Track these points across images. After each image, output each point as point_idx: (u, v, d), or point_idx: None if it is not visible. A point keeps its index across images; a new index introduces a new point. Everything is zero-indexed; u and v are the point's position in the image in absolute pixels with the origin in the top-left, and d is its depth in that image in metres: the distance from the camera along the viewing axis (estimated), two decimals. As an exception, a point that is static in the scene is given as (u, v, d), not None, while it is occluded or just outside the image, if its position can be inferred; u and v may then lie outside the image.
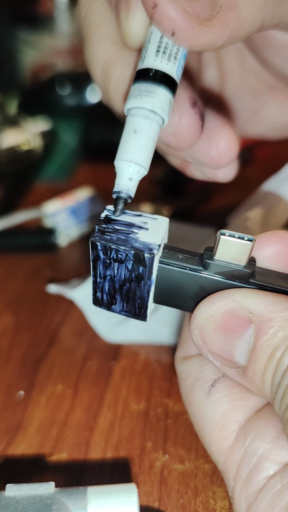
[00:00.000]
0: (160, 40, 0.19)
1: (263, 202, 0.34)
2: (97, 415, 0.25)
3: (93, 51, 0.22)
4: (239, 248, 0.17)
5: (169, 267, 0.18)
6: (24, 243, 0.38)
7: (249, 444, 0.18)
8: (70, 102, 0.63)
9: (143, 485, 0.22)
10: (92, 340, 0.30)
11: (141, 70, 0.19)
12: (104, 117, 0.57)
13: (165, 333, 0.29)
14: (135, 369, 0.28)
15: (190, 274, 0.18)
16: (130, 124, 0.19)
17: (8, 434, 0.24)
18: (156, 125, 0.19)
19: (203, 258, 0.18)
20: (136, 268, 0.18)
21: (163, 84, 0.19)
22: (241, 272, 0.17)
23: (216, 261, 0.17)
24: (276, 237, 0.19)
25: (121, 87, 0.21)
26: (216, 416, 0.19)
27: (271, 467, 0.17)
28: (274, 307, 0.16)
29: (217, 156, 0.23)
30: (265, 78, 0.25)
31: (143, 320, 0.19)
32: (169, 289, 0.18)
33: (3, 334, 0.31)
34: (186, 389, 0.20)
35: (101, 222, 0.19)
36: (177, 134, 0.21)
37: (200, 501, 0.21)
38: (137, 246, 0.17)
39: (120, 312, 0.20)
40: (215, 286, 0.18)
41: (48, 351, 0.29)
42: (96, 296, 0.19)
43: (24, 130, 0.52)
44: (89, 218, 0.40)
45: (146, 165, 0.19)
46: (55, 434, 0.24)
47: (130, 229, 0.18)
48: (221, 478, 0.22)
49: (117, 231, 0.18)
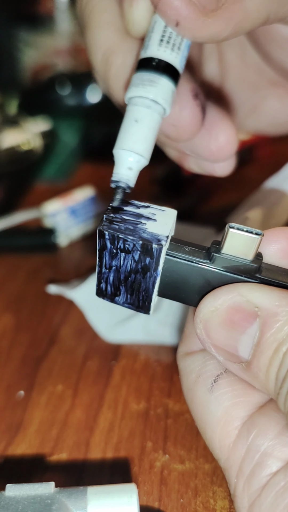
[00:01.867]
0: (164, 30, 0.19)
1: (263, 201, 0.34)
2: (97, 415, 0.25)
3: (94, 39, 0.22)
4: (247, 242, 0.17)
5: (175, 259, 0.18)
6: (24, 243, 0.38)
7: (252, 440, 0.18)
8: (70, 102, 0.63)
9: (143, 485, 0.22)
10: (92, 340, 0.30)
11: (143, 59, 0.19)
12: (104, 117, 0.57)
13: (165, 333, 0.29)
14: (135, 369, 0.28)
15: (196, 267, 0.18)
16: (131, 113, 0.19)
17: (8, 434, 0.24)
18: (157, 115, 0.19)
19: (210, 251, 0.18)
20: (143, 259, 0.18)
21: (166, 74, 0.19)
22: (247, 267, 0.17)
23: (223, 254, 0.17)
24: (283, 233, 0.18)
25: (122, 75, 0.21)
26: (218, 413, 0.19)
27: (274, 464, 0.17)
28: (280, 301, 0.16)
29: (216, 150, 0.23)
30: (266, 73, 0.25)
31: (146, 313, 0.19)
32: (174, 282, 0.18)
33: (3, 334, 0.31)
34: (189, 385, 0.20)
35: (109, 211, 0.18)
36: (177, 125, 0.21)
37: (200, 501, 0.21)
38: (145, 236, 0.17)
39: (123, 304, 0.19)
40: (221, 280, 0.18)
41: (48, 351, 0.29)
42: (100, 287, 0.19)
43: (24, 130, 0.52)
44: (89, 218, 0.40)
45: (146, 156, 0.19)
46: (55, 434, 0.24)
47: (138, 219, 0.18)
48: (221, 478, 0.22)
49: (125, 221, 0.18)
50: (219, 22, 0.18)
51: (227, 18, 0.18)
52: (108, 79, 0.22)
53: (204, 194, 0.45)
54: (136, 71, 0.19)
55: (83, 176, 0.51)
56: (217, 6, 0.17)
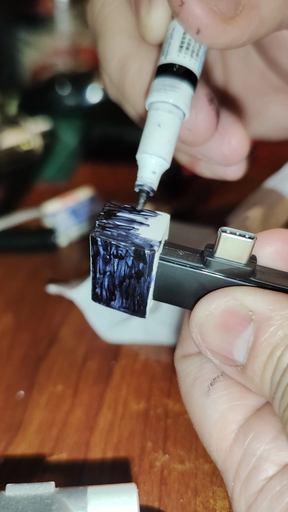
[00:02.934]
0: (183, 36, 0.19)
1: (263, 201, 0.34)
2: (97, 415, 0.25)
3: (109, 45, 0.22)
4: (240, 246, 0.17)
5: (169, 263, 0.18)
6: (24, 243, 0.38)
7: (248, 444, 0.18)
8: (70, 102, 0.63)
9: (143, 485, 0.22)
10: (92, 340, 0.30)
11: (163, 65, 0.20)
12: (104, 117, 0.57)
13: (164, 333, 0.29)
14: (135, 369, 0.28)
15: (190, 271, 0.18)
16: (154, 118, 0.19)
17: (8, 434, 0.24)
18: (178, 120, 0.19)
19: (204, 255, 0.18)
20: (136, 265, 0.18)
21: (186, 79, 0.19)
22: (241, 270, 0.17)
23: (216, 258, 0.17)
24: (276, 235, 0.19)
25: (139, 81, 0.21)
26: (215, 416, 0.19)
27: (270, 468, 0.17)
28: (274, 305, 0.16)
29: (228, 153, 0.23)
30: (270, 79, 0.25)
31: (142, 317, 0.19)
32: (169, 286, 0.18)
33: (3, 334, 0.31)
34: (186, 388, 0.20)
35: (102, 217, 0.18)
36: (193, 129, 0.21)
37: (200, 501, 0.21)
38: (138, 242, 0.17)
39: (119, 309, 0.19)
40: (215, 284, 0.18)
41: (48, 351, 0.29)
42: (95, 292, 0.19)
43: (24, 130, 0.52)
44: (89, 218, 0.40)
45: (169, 159, 0.19)
46: (55, 434, 0.24)
47: (131, 225, 0.18)
48: (221, 478, 0.22)
49: (117, 226, 0.18)
50: (237, 29, 0.18)
51: (245, 24, 0.18)
52: (124, 86, 0.22)
53: (204, 194, 0.45)
54: (156, 76, 0.20)
55: (83, 176, 0.51)
56: (235, 13, 0.18)
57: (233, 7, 0.18)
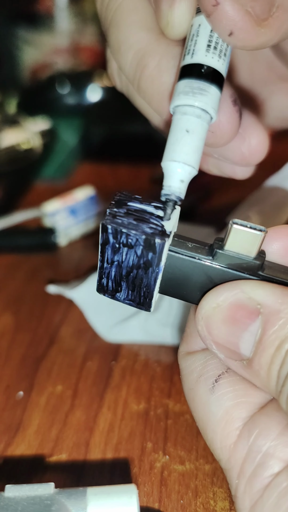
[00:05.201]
0: (211, 35, 0.18)
1: (263, 201, 0.34)
2: (97, 416, 0.25)
3: (125, 37, 0.21)
4: (250, 239, 0.17)
5: (178, 255, 0.18)
6: (24, 242, 0.38)
7: (253, 441, 0.18)
8: (70, 101, 0.63)
9: (143, 486, 0.22)
10: (92, 341, 0.30)
11: (190, 65, 0.19)
12: (104, 116, 0.57)
13: (164, 334, 0.29)
14: (135, 370, 0.28)
15: (198, 264, 0.18)
16: (182, 123, 0.18)
17: (8, 434, 0.24)
18: (206, 125, 0.19)
19: (213, 248, 0.18)
20: (146, 254, 0.17)
21: (215, 83, 0.19)
22: (250, 264, 0.17)
23: (226, 251, 0.17)
24: (285, 231, 0.18)
25: (158, 78, 0.20)
26: (219, 413, 0.19)
27: (276, 464, 0.17)
28: (283, 299, 0.16)
29: (248, 154, 0.23)
30: (277, 68, 0.25)
31: (147, 310, 0.19)
32: (176, 278, 0.18)
33: (3, 334, 0.31)
34: (190, 385, 0.20)
35: (113, 206, 0.18)
36: (216, 131, 0.21)
37: (200, 502, 0.21)
38: (148, 231, 0.17)
39: (124, 301, 0.19)
40: (223, 277, 0.18)
41: (47, 352, 0.29)
42: (101, 283, 0.19)
43: (24, 129, 0.52)
44: (89, 217, 0.40)
45: (197, 167, 0.18)
46: (55, 434, 0.24)
47: (141, 215, 0.18)
48: (221, 479, 0.22)
49: (128, 215, 0.18)
50: (270, 31, 0.18)
51: (278, 27, 0.18)
52: (141, 81, 0.21)
53: (204, 194, 0.45)
54: (182, 77, 0.19)
55: (83, 176, 0.51)
56: (269, 15, 0.17)
57: (268, 9, 0.17)
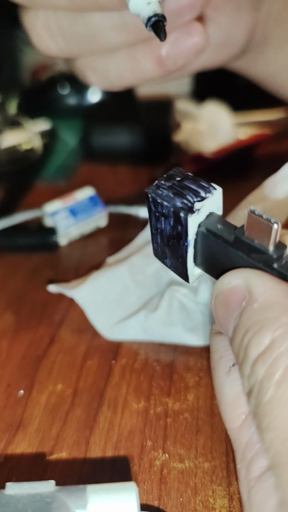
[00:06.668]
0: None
1: (263, 201, 0.34)
2: (97, 414, 0.25)
3: None
4: (264, 229, 0.17)
5: (207, 234, 0.18)
6: (24, 242, 0.38)
7: (253, 431, 0.18)
8: (70, 101, 0.63)
9: (143, 483, 0.22)
10: (92, 339, 0.30)
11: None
12: (105, 117, 0.57)
13: (164, 333, 0.29)
14: (135, 368, 0.28)
15: (222, 246, 0.18)
16: None
17: (8, 433, 0.24)
18: None
19: (236, 233, 0.18)
20: (176, 226, 0.18)
21: None
22: (265, 255, 0.17)
23: (245, 238, 0.18)
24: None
25: None
26: (230, 396, 0.19)
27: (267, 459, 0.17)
28: (272, 291, 0.16)
29: None
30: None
31: (186, 281, 0.20)
32: (209, 256, 0.19)
33: (3, 333, 0.31)
34: (213, 364, 0.21)
35: (163, 178, 0.19)
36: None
37: (199, 499, 0.21)
38: (178, 205, 0.18)
39: (170, 268, 0.20)
40: (240, 262, 0.18)
41: (48, 350, 0.29)
42: (154, 247, 0.20)
43: (24, 130, 0.52)
44: (89, 217, 0.40)
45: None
46: (55, 433, 0.24)
47: (182, 190, 0.19)
48: (220, 477, 0.22)
49: (171, 189, 0.19)
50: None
51: None
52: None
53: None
54: None
55: (83, 176, 0.51)
56: None
57: None
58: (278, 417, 0.15)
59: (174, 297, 0.29)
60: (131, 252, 0.34)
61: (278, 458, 0.15)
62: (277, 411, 0.15)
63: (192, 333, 0.29)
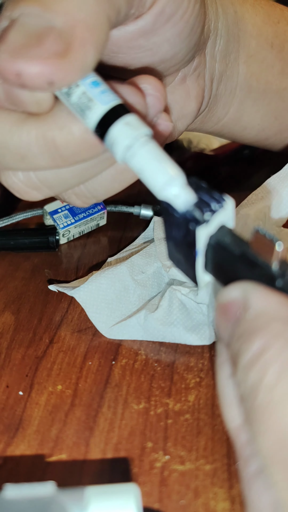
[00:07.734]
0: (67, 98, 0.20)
1: (263, 201, 0.34)
2: (97, 415, 0.25)
3: None
4: (268, 247, 0.18)
5: (216, 246, 0.19)
6: (24, 241, 0.38)
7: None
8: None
9: (143, 486, 0.22)
10: (92, 340, 0.30)
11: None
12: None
13: (164, 333, 0.29)
14: (135, 369, 0.28)
15: (229, 259, 0.19)
16: (145, 154, 0.19)
17: (7, 434, 0.24)
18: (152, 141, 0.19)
19: (242, 248, 0.18)
20: (186, 234, 0.19)
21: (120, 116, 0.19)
22: (268, 272, 0.18)
23: (250, 254, 0.18)
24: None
25: None
26: (231, 397, 0.19)
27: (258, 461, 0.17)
28: (267, 306, 0.17)
29: None
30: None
31: (196, 285, 0.21)
32: (217, 265, 0.20)
33: (3, 333, 0.30)
34: (216, 366, 0.21)
35: None
36: None
37: (201, 502, 0.21)
38: (189, 216, 0.19)
39: (182, 272, 0.21)
40: (245, 276, 0.18)
41: (47, 351, 0.29)
42: (168, 251, 0.21)
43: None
44: (89, 217, 0.40)
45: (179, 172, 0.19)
46: (55, 434, 0.24)
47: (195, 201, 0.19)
48: (222, 479, 0.22)
49: None
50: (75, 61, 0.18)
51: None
52: None
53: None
54: None
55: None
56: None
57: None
58: (268, 421, 0.16)
59: (175, 296, 0.29)
60: (132, 252, 0.34)
61: (269, 459, 0.16)
62: (266, 415, 0.16)
63: (192, 332, 0.29)
